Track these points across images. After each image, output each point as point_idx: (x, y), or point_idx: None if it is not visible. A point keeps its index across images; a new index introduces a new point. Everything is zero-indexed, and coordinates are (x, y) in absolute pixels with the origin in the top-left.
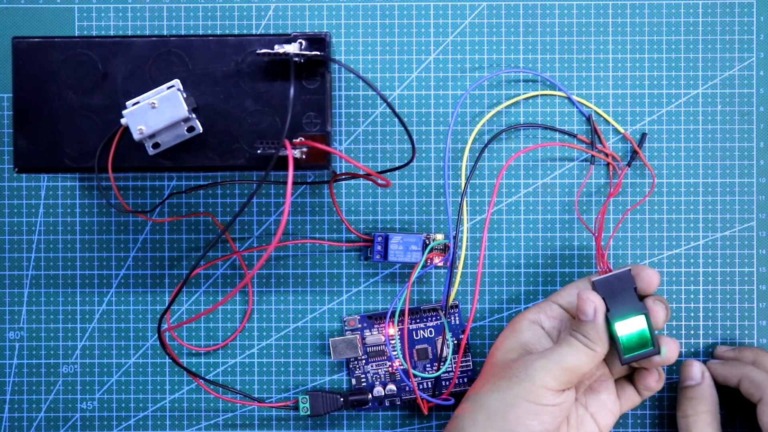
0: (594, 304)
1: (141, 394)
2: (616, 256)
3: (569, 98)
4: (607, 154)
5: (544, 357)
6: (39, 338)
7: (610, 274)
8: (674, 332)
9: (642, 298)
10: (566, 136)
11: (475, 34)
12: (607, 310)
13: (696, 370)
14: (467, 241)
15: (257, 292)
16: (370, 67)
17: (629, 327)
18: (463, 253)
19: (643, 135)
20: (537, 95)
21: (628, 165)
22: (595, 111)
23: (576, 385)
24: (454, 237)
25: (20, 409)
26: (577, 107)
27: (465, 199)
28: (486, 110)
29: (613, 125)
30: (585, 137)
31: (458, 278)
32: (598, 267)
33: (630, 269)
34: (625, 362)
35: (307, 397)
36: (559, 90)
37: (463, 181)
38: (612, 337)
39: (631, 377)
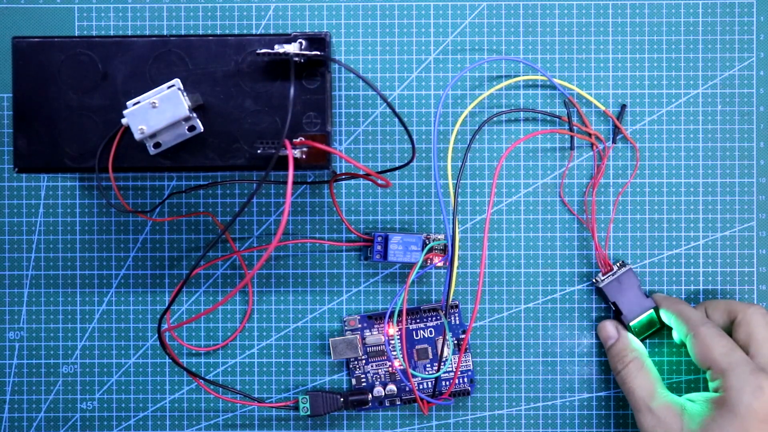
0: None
1: (141, 394)
2: (616, 256)
3: (550, 81)
4: (590, 135)
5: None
6: (39, 338)
7: (614, 278)
8: (674, 332)
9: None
10: (564, 126)
11: (475, 34)
12: (620, 313)
13: (610, 328)
14: (468, 241)
15: (257, 292)
16: (370, 67)
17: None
18: (456, 252)
19: (623, 107)
20: (519, 80)
21: (613, 142)
22: (576, 92)
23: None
24: (452, 237)
25: (20, 409)
26: (558, 89)
27: (456, 199)
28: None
29: (594, 104)
30: (567, 118)
31: (454, 278)
32: (596, 254)
33: (630, 268)
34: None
35: (307, 397)
36: (541, 74)
37: (450, 181)
38: (627, 329)
39: None
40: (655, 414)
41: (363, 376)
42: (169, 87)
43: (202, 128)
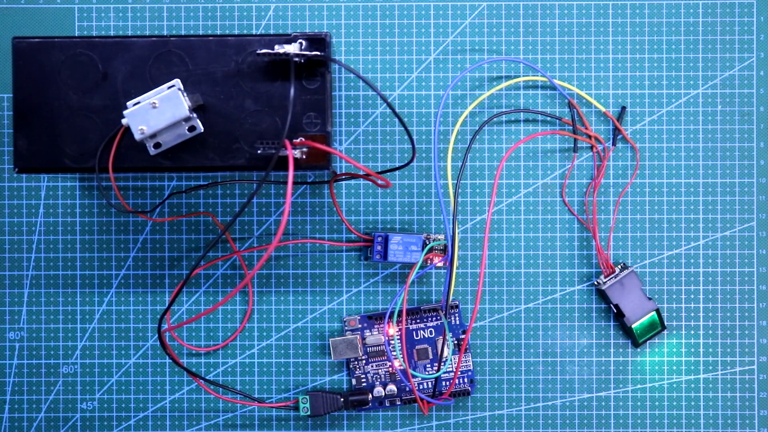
0: None
1: (141, 395)
2: (617, 256)
3: (550, 81)
4: (590, 136)
5: None
6: (39, 338)
7: (616, 280)
8: (674, 332)
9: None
10: (564, 127)
11: (475, 34)
12: (623, 315)
13: None
14: (468, 241)
15: (257, 292)
16: (370, 67)
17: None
18: (456, 252)
19: (623, 108)
20: (519, 81)
21: (613, 144)
22: (576, 93)
23: None
24: (452, 237)
25: (20, 409)
26: (558, 90)
27: (456, 199)
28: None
29: (594, 105)
30: (568, 120)
31: (454, 278)
32: (599, 255)
33: (633, 270)
34: (640, 345)
35: (307, 397)
36: (542, 75)
37: (450, 181)
38: (628, 331)
39: None
40: None
41: (363, 376)
42: (169, 87)
43: (202, 128)
